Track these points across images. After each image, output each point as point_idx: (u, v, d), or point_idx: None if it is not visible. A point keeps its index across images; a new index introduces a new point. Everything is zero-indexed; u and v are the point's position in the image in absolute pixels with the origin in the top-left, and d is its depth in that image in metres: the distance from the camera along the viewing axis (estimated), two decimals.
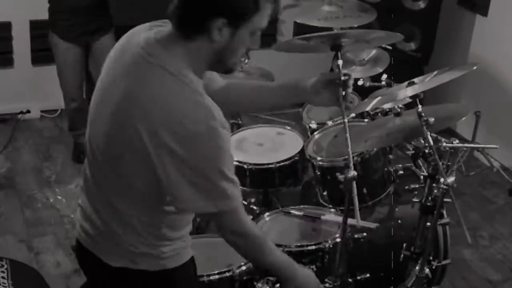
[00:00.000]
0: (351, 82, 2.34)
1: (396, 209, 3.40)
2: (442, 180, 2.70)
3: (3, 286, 3.06)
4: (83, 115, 4.71)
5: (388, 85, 3.46)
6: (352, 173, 2.37)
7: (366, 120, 3.49)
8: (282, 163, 3.48)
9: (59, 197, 4.42)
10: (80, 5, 4.41)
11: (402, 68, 3.79)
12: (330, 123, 3.66)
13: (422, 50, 5.18)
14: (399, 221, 3.36)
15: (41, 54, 5.21)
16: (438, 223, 2.90)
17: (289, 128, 3.83)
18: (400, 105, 3.01)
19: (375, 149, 3.19)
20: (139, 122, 1.93)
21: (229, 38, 1.96)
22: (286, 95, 2.41)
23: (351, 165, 2.37)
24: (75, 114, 4.82)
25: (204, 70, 2.04)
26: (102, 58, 4.63)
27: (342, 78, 2.29)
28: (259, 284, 2.72)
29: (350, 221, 2.71)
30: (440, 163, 2.71)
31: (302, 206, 3.28)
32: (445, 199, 2.77)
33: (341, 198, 2.79)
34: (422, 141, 2.91)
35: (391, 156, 3.32)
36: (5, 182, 4.60)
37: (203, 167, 1.95)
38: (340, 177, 2.88)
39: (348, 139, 2.35)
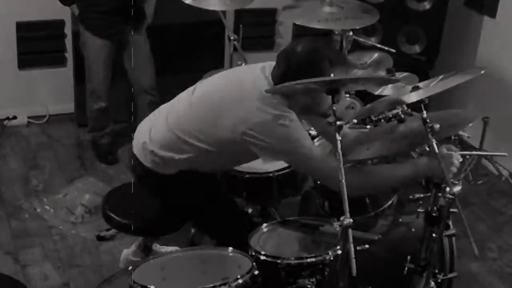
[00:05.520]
0: None
1: (400, 220, 3.36)
2: (448, 189, 2.68)
3: None
4: (107, 115, 4.70)
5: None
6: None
7: (368, 126, 3.45)
8: (281, 172, 3.44)
9: (47, 207, 4.37)
10: (114, 6, 4.54)
11: (406, 72, 3.74)
12: None
13: (427, 53, 5.18)
14: (403, 232, 3.30)
15: (28, 58, 5.19)
16: (444, 234, 2.87)
17: None
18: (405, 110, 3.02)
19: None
20: None
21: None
22: None
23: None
24: (99, 115, 4.88)
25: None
26: (136, 53, 4.61)
27: (338, 123, 2.47)
28: None
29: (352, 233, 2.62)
30: (446, 171, 2.69)
31: (301, 216, 3.26)
32: (451, 209, 2.75)
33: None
34: (427, 149, 2.90)
35: None
36: None
37: None
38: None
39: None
